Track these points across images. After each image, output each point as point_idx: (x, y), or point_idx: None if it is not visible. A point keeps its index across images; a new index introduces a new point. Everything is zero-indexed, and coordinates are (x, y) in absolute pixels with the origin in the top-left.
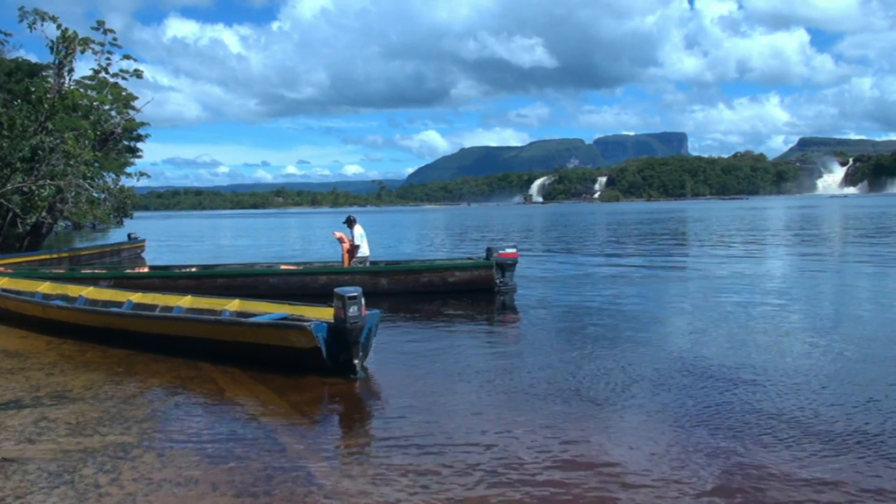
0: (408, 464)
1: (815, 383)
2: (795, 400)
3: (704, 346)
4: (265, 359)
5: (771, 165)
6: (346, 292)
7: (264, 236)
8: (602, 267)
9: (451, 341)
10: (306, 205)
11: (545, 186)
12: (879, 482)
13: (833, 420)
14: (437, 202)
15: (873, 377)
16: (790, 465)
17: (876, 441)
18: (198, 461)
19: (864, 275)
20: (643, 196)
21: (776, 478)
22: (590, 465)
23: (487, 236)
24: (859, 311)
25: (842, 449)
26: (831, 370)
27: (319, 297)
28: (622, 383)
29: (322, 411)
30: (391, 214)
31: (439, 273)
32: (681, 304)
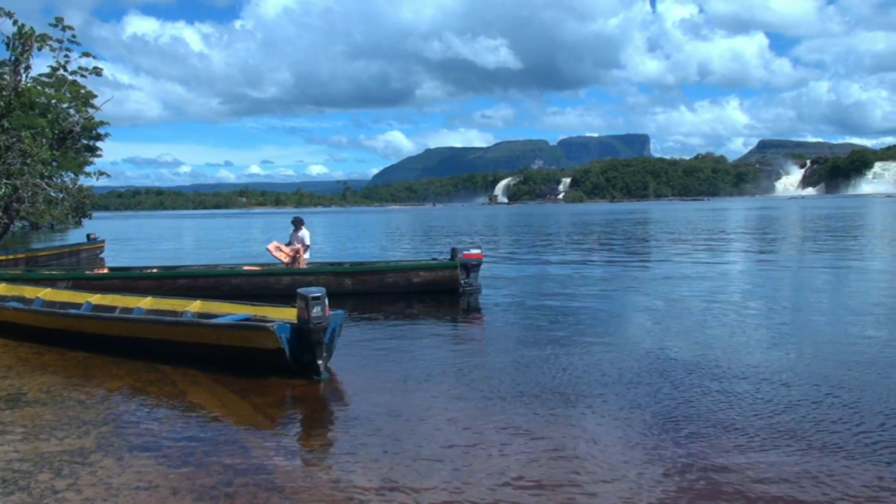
0: (372, 465)
1: (775, 380)
2: (757, 396)
3: (667, 344)
4: (227, 360)
5: (731, 167)
6: (310, 293)
7: (227, 236)
8: (566, 267)
9: (416, 342)
10: (270, 205)
11: (510, 187)
12: (840, 475)
13: (794, 416)
14: (402, 203)
15: (831, 374)
16: (753, 460)
17: (836, 435)
18: (158, 465)
19: (820, 274)
20: (607, 197)
21: (740, 474)
22: (557, 465)
23: (452, 237)
24: (816, 310)
25: (803, 444)
26: (791, 367)
27: (283, 298)
28: (587, 382)
29: (285, 413)
30: (356, 215)
31: (404, 274)
32: (643, 304)
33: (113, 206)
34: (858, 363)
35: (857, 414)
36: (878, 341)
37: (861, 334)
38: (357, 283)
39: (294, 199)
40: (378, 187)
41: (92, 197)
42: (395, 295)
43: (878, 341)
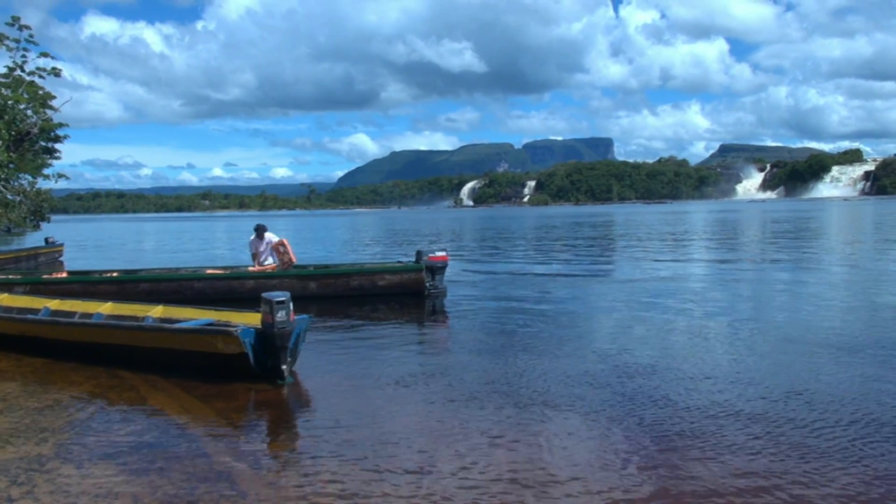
0: (337, 470)
1: (737, 380)
2: (720, 396)
3: (631, 346)
4: (190, 366)
5: (693, 171)
6: (274, 297)
7: (190, 239)
8: (531, 270)
9: (381, 345)
10: (234, 208)
11: (475, 190)
12: (802, 473)
13: (757, 415)
14: (368, 206)
15: (792, 373)
16: (717, 460)
17: (798, 432)
18: (118, 473)
19: (780, 275)
20: (571, 200)
21: (705, 473)
22: (524, 467)
23: (418, 240)
24: (777, 310)
25: (766, 442)
26: (752, 367)
27: (247, 302)
28: (552, 384)
29: (249, 419)
30: (321, 218)
31: (369, 277)
32: (607, 306)
33: (72, 208)
34: (819, 362)
35: (820, 413)
36: (837, 340)
37: (820, 333)
38: (322, 286)
39: (258, 201)
40: (343, 190)
41: (50, 200)
42: (361, 298)
43: (838, 340)
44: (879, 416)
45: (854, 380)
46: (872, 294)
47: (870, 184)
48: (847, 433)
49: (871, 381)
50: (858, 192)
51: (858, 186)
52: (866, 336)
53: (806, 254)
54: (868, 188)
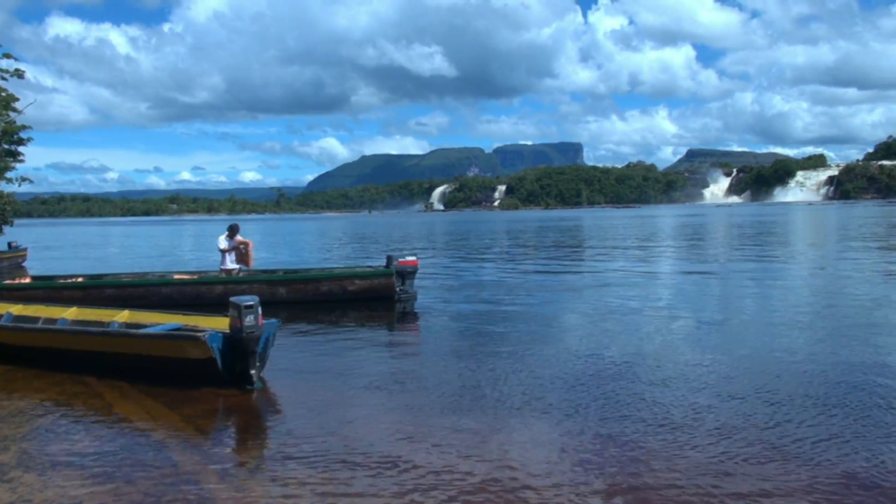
0: (306, 477)
1: (705, 381)
2: (689, 397)
3: (601, 348)
4: (157, 372)
5: (661, 175)
6: (243, 301)
7: (157, 244)
8: (501, 274)
9: (351, 350)
10: (202, 212)
11: (446, 194)
12: (771, 472)
13: (725, 416)
14: (338, 210)
15: (758, 373)
16: (687, 460)
17: (766, 431)
18: (82, 481)
19: (746, 277)
20: (541, 204)
21: (673, 473)
22: (494, 470)
23: (388, 244)
24: (742, 312)
25: (735, 442)
26: (720, 368)
27: (216, 308)
28: (523, 388)
29: (216, 424)
30: (290, 222)
31: (339, 281)
32: (577, 309)
33: (36, 212)
34: (783, 362)
35: (784, 412)
36: (800, 340)
37: (784, 333)
38: (291, 291)
39: (227, 206)
40: (313, 194)
41: (14, 203)
42: (331, 303)
43: (801, 340)
44: (839, 415)
45: (815, 379)
46: (834, 296)
47: (833, 188)
48: (808, 432)
49: (830, 381)
50: (822, 196)
51: (822, 191)
52: (828, 336)
53: (771, 257)
54: (832, 193)
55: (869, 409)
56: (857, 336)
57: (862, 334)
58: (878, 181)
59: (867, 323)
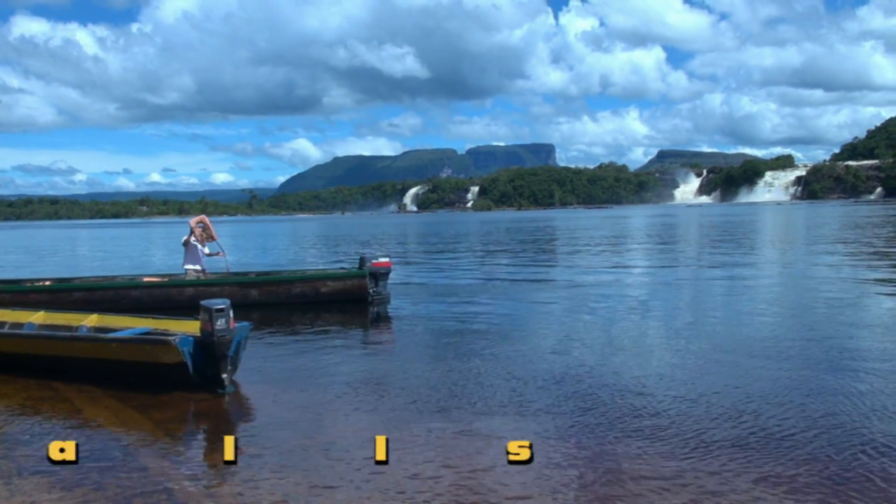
0: (278, 481)
1: (678, 381)
2: (663, 399)
3: (574, 350)
4: (127, 376)
5: (633, 176)
6: (213, 305)
7: (127, 247)
8: (475, 274)
9: (324, 353)
10: (173, 214)
11: (419, 196)
12: (744, 474)
13: (698, 417)
14: (311, 211)
15: (723, 372)
16: (660, 462)
17: (737, 434)
18: (50, 488)
19: (716, 277)
20: (514, 205)
21: (646, 475)
22: (468, 473)
23: (361, 245)
24: (713, 311)
25: (699, 441)
26: (692, 369)
27: (187, 311)
28: (497, 390)
29: (187, 429)
30: (263, 224)
31: (311, 283)
32: (550, 310)
33: (3, 215)
34: (750, 363)
35: (755, 413)
36: (770, 339)
37: (751, 335)
38: (263, 293)
39: (198, 207)
40: (285, 196)
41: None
42: (303, 305)
43: (771, 339)
44: (804, 414)
45: (782, 380)
46: (802, 294)
47: (801, 189)
48: (776, 424)
49: (798, 380)
50: (790, 196)
51: (790, 191)
52: (794, 336)
53: (741, 256)
54: (799, 193)
55: (834, 401)
56: (822, 330)
57: (828, 329)
58: (844, 181)
59: (833, 319)
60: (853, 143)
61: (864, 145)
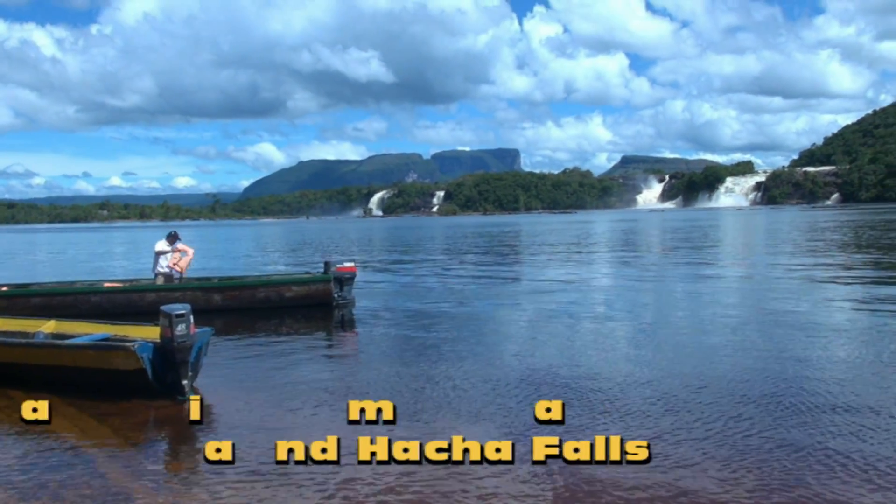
0: (240, 488)
1: (641, 382)
2: (625, 400)
3: (539, 353)
4: (85, 384)
5: (597, 181)
6: (173, 310)
7: (87, 251)
8: (440, 279)
9: (288, 358)
10: (134, 218)
11: (385, 200)
12: (707, 470)
13: (660, 419)
14: (276, 216)
15: (690, 375)
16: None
17: (702, 433)
18: (6, 498)
19: (677, 280)
20: (480, 210)
21: (610, 477)
22: (432, 481)
23: (326, 250)
24: (674, 315)
25: (670, 446)
26: (655, 370)
27: (148, 316)
28: (462, 394)
29: (147, 436)
30: (226, 228)
31: (276, 288)
32: (515, 315)
33: None
34: (712, 364)
35: (716, 414)
36: (728, 339)
37: (714, 333)
38: (227, 298)
39: (160, 212)
40: (250, 200)
41: None
42: (268, 310)
43: (729, 339)
44: (762, 412)
45: (741, 383)
46: (760, 297)
47: (761, 194)
48: (734, 426)
49: (756, 382)
50: (750, 202)
51: (751, 197)
52: (754, 340)
53: (702, 261)
54: (759, 198)
55: (790, 405)
56: (781, 333)
57: (785, 331)
58: (802, 187)
59: (791, 322)
60: (811, 150)
61: (821, 152)
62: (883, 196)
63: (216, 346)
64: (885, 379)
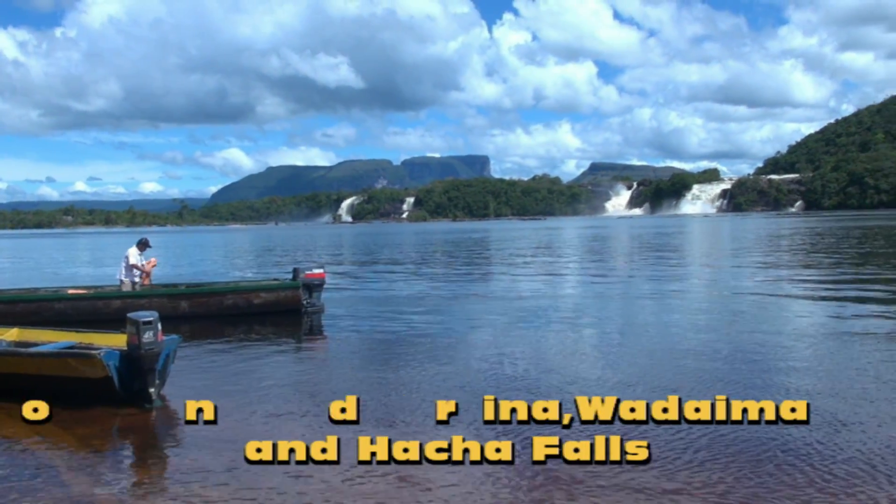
0: (208, 496)
1: (607, 387)
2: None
3: (507, 358)
4: (50, 392)
5: (566, 188)
6: (141, 317)
7: (50, 257)
8: (409, 286)
9: (257, 365)
10: (100, 224)
11: (354, 206)
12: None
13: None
14: (244, 222)
15: (657, 374)
16: (592, 466)
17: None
18: None
19: (644, 287)
20: (449, 216)
21: (581, 480)
22: (399, 484)
23: (295, 256)
24: (642, 320)
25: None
26: (621, 376)
27: (114, 324)
28: (431, 399)
29: (113, 444)
30: (194, 234)
31: (244, 295)
32: (484, 320)
33: None
34: (678, 369)
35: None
36: (694, 343)
37: (682, 337)
38: (194, 305)
39: (126, 217)
40: (218, 206)
41: None
42: (235, 317)
43: (695, 343)
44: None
45: (707, 377)
46: (726, 302)
47: (726, 201)
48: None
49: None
50: (716, 209)
51: (717, 204)
52: (721, 344)
53: (669, 267)
54: (725, 205)
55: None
56: (743, 334)
57: (748, 333)
58: (767, 194)
59: (753, 323)
60: (775, 158)
61: (785, 160)
62: (845, 203)
63: (183, 354)
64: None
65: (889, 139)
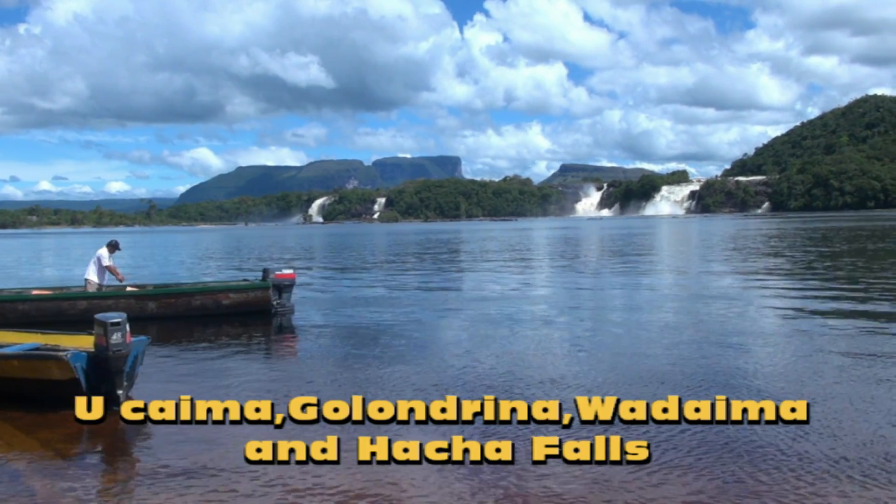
0: (176, 498)
1: (579, 387)
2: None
3: (479, 358)
4: (13, 394)
5: (537, 189)
6: (108, 318)
7: (14, 258)
8: (380, 286)
9: (226, 366)
10: (65, 224)
11: (325, 207)
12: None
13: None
14: (213, 222)
15: (627, 373)
16: (561, 468)
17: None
18: None
19: (615, 287)
20: (421, 217)
21: (550, 482)
22: (370, 485)
23: (265, 256)
24: (611, 319)
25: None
26: (593, 375)
27: (79, 325)
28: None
29: (79, 448)
30: (162, 235)
31: (213, 295)
32: (455, 320)
33: None
34: (649, 368)
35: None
36: (665, 343)
37: (650, 337)
38: (162, 306)
39: (93, 217)
40: (186, 206)
41: None
42: (204, 318)
43: (666, 343)
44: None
45: (675, 377)
46: (694, 301)
47: (695, 202)
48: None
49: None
50: (685, 210)
51: (685, 205)
52: (689, 337)
53: (638, 267)
54: (693, 207)
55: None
56: (708, 333)
57: (718, 334)
58: (734, 196)
59: (717, 324)
60: (743, 160)
61: (752, 162)
62: (810, 205)
63: (152, 356)
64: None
65: (853, 142)
